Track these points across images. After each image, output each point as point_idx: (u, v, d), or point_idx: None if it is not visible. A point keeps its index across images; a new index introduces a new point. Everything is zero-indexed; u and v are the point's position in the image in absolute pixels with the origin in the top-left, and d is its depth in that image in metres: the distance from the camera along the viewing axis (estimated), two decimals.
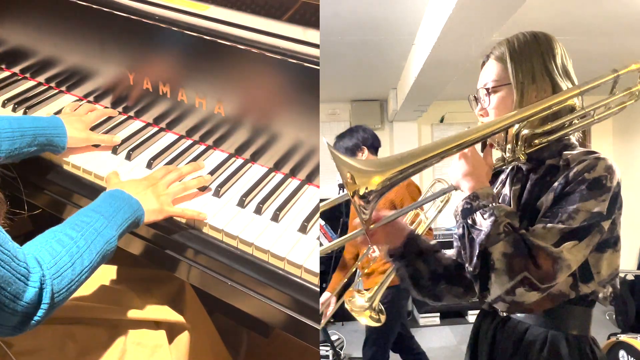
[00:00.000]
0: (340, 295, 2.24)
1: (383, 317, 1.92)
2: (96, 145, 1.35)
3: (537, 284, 0.84)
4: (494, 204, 0.89)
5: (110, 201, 1.06)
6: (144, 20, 1.29)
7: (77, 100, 1.51)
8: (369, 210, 0.90)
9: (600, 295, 0.96)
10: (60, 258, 0.89)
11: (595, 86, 0.96)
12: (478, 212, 0.89)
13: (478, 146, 0.97)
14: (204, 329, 1.44)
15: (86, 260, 0.94)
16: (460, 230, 0.91)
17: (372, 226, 1.00)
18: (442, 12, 2.39)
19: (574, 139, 1.02)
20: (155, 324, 1.28)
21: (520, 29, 1.03)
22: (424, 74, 3.19)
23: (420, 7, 2.70)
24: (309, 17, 1.28)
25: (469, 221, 0.89)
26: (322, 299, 2.31)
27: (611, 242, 0.95)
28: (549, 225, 0.88)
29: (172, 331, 1.31)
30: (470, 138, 0.93)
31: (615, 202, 0.91)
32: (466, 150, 0.95)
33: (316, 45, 1.17)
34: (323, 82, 1.21)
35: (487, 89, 1.02)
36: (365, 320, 1.91)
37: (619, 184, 0.92)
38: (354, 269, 2.32)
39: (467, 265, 0.90)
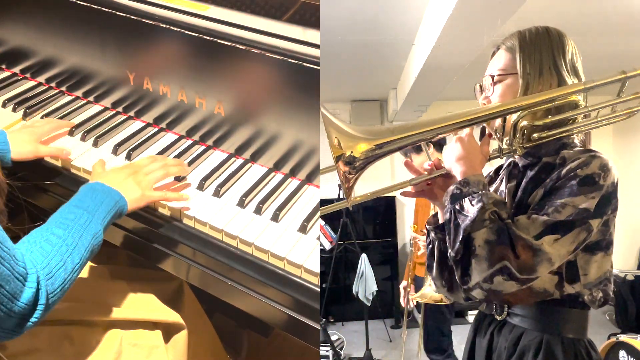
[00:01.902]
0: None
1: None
2: (95, 145, 1.35)
3: (516, 274, 0.83)
4: (483, 191, 0.89)
5: (92, 195, 1.05)
6: (144, 20, 1.29)
7: (76, 100, 1.51)
8: (352, 178, 0.89)
9: (586, 297, 0.95)
10: (52, 258, 0.89)
11: (602, 85, 0.94)
12: (467, 198, 0.88)
13: (476, 134, 0.97)
14: (202, 330, 1.44)
15: (76, 257, 0.94)
16: (447, 215, 0.91)
17: (357, 199, 0.98)
18: (442, 12, 2.39)
19: (577, 140, 1.00)
20: (152, 325, 1.28)
21: (521, 29, 1.03)
22: (424, 74, 3.19)
23: (420, 7, 2.70)
24: (309, 17, 1.28)
25: (457, 206, 0.89)
26: (402, 285, 2.70)
27: (603, 245, 0.93)
28: (534, 216, 0.88)
29: (169, 331, 1.30)
30: (468, 118, 0.92)
31: (608, 203, 0.89)
32: (463, 134, 0.94)
33: (316, 45, 1.17)
34: (323, 82, 1.21)
35: (493, 77, 1.01)
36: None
37: (614, 185, 0.90)
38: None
39: (449, 250, 0.90)
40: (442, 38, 2.52)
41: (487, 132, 0.99)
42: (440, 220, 1.04)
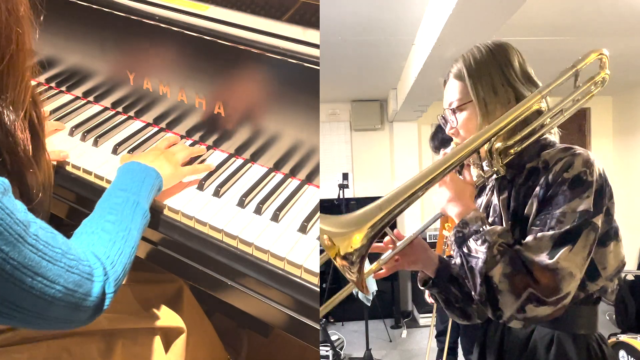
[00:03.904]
0: None
1: None
2: (95, 145, 1.35)
3: (543, 299, 0.83)
4: (484, 228, 0.88)
5: (131, 176, 1.09)
6: (144, 20, 1.29)
7: (76, 99, 1.51)
8: (355, 270, 0.87)
9: (609, 290, 0.95)
10: (112, 246, 0.93)
11: (557, 85, 0.95)
12: (471, 239, 0.88)
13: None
14: (202, 331, 1.44)
15: (131, 241, 0.98)
16: (459, 260, 0.91)
17: (398, 246, 1.00)
18: (442, 12, 2.39)
19: (551, 137, 1.00)
20: (152, 331, 1.27)
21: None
22: (424, 74, 3.19)
23: (420, 7, 2.70)
24: (309, 17, 1.28)
25: (465, 250, 0.89)
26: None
27: (612, 234, 0.94)
28: (539, 234, 0.87)
29: (168, 336, 1.30)
30: (445, 167, 0.92)
31: (602, 195, 0.89)
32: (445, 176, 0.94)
33: (316, 45, 1.17)
34: (323, 82, 1.21)
35: (453, 110, 1.01)
36: None
37: (601, 176, 0.90)
38: None
39: (473, 293, 0.89)
40: (442, 38, 2.51)
41: (465, 162, 0.97)
42: (431, 274, 1.08)
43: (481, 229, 0.88)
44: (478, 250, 0.87)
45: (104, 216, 0.99)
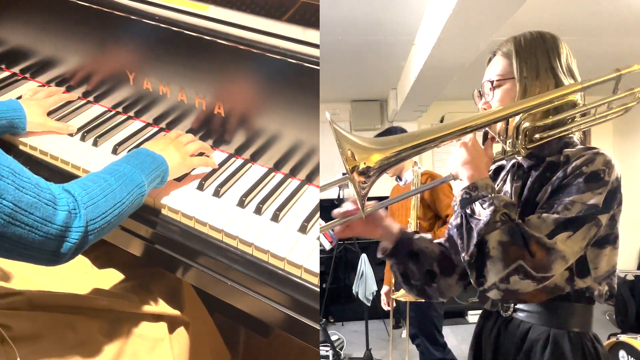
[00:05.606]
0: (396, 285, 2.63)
1: None
2: (95, 144, 1.36)
3: (532, 273, 0.85)
4: (493, 194, 0.90)
5: (135, 155, 1.12)
6: (144, 20, 1.29)
7: (76, 100, 1.51)
8: (367, 187, 0.91)
9: (596, 292, 0.96)
10: (92, 190, 0.94)
11: (597, 84, 0.96)
12: (477, 202, 0.90)
13: (479, 138, 0.98)
14: (202, 324, 1.44)
15: (118, 195, 0.98)
16: (458, 220, 0.92)
17: (368, 209, 1.01)
18: (442, 13, 2.39)
19: (575, 137, 1.02)
20: (156, 318, 1.28)
21: (520, 30, 1.04)
22: (423, 74, 3.19)
23: (420, 7, 2.71)
24: (309, 17, 1.28)
25: (468, 211, 0.91)
26: (384, 290, 2.74)
27: (611, 239, 0.95)
28: (544, 215, 0.89)
29: (173, 324, 1.31)
30: (471, 124, 0.94)
31: (614, 197, 0.91)
32: (467, 139, 0.96)
33: (316, 45, 1.17)
34: (323, 82, 1.21)
35: (492, 82, 1.03)
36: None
37: (618, 180, 0.92)
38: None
39: (463, 254, 0.91)
40: (442, 38, 2.52)
41: (489, 135, 1.00)
42: (389, 246, 1.09)
43: (490, 195, 0.90)
44: (482, 213, 0.89)
45: (95, 174, 1.01)
